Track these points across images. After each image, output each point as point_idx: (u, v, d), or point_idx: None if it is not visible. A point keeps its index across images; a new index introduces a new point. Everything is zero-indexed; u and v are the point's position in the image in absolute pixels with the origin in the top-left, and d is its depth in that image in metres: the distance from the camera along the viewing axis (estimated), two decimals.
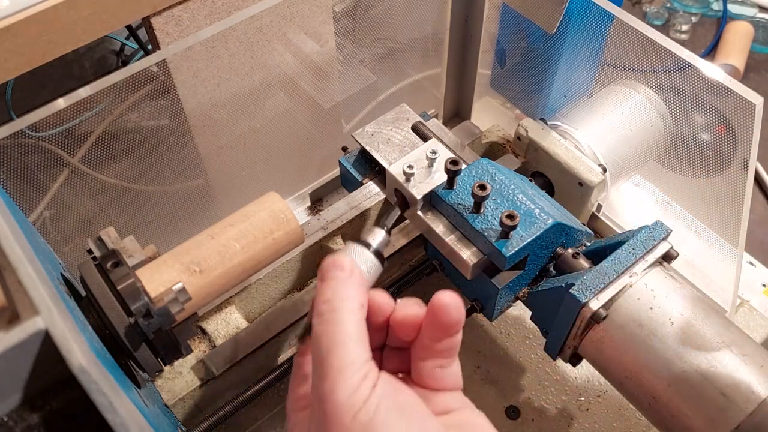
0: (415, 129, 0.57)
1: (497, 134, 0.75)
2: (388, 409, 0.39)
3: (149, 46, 0.83)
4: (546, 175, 0.68)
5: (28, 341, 0.30)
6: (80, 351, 0.29)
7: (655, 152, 0.68)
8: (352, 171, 0.56)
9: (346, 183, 0.59)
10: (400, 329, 0.43)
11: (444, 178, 0.50)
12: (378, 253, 0.43)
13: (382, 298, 0.43)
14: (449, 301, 0.41)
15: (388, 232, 0.44)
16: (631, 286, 0.48)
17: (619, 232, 0.70)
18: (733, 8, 1.52)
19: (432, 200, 0.51)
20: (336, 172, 0.79)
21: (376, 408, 0.39)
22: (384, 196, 0.61)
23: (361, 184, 0.56)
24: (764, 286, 0.73)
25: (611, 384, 0.50)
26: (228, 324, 0.66)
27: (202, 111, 0.71)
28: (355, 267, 0.42)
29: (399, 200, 0.52)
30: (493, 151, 0.76)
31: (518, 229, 0.48)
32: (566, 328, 0.50)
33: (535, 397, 0.65)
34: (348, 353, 0.40)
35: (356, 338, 0.40)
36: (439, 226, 0.51)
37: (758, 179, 1.15)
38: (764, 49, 1.39)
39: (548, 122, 0.69)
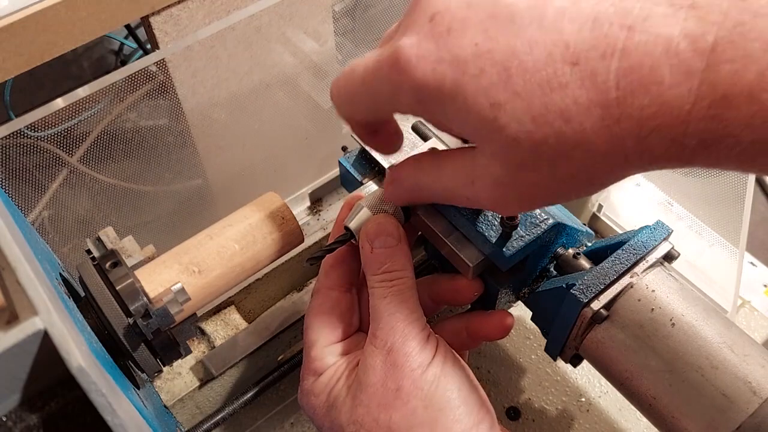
0: (415, 129, 0.57)
1: None
2: (453, 372, 0.43)
3: (148, 46, 0.83)
4: None
5: (27, 341, 0.30)
6: (79, 351, 0.29)
7: None
8: (352, 171, 0.56)
9: (346, 183, 0.58)
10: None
11: None
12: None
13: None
14: (511, 324, 0.51)
15: None
16: (632, 286, 0.48)
17: (620, 232, 0.69)
18: None
19: None
20: (335, 172, 0.79)
21: (443, 368, 0.43)
22: None
23: (361, 184, 0.55)
24: (765, 286, 0.72)
25: (612, 385, 0.50)
26: (227, 324, 0.66)
27: (201, 111, 0.71)
28: (402, 233, 0.47)
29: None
30: None
31: (519, 229, 0.48)
32: (567, 329, 0.50)
33: (535, 398, 0.64)
34: (413, 312, 0.44)
35: (417, 301, 0.45)
36: (439, 226, 0.51)
37: (759, 179, 1.15)
38: None
39: None
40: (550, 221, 0.49)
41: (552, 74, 0.30)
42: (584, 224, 0.54)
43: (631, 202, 0.77)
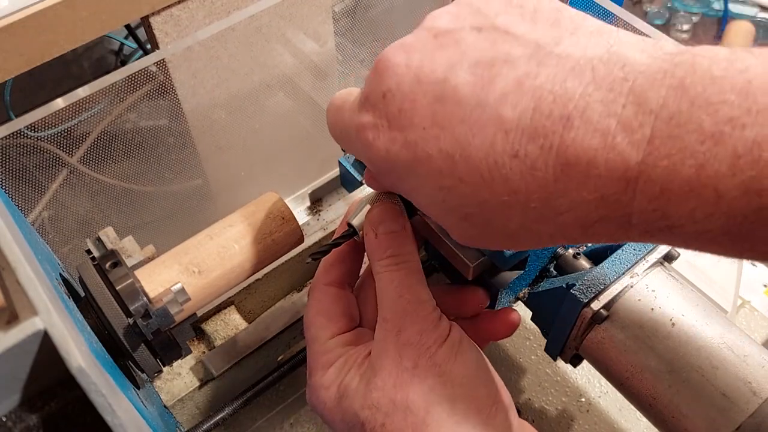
0: None
1: None
2: (470, 350, 0.43)
3: (148, 46, 0.83)
4: None
5: (27, 342, 0.30)
6: (79, 352, 0.29)
7: None
8: (352, 171, 0.56)
9: (346, 183, 0.58)
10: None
11: None
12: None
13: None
14: (517, 320, 0.51)
15: None
16: (632, 286, 0.48)
17: None
18: (734, 8, 1.53)
19: None
20: (336, 172, 0.79)
21: (459, 345, 0.43)
22: None
23: (361, 184, 0.55)
24: (765, 286, 0.73)
25: (612, 385, 0.50)
26: (227, 324, 0.66)
27: (201, 111, 0.71)
28: (406, 220, 0.47)
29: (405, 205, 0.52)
30: None
31: None
32: (567, 329, 0.50)
33: (535, 398, 0.64)
34: (422, 294, 0.44)
35: (425, 284, 0.45)
36: (438, 227, 0.51)
37: None
38: None
39: None
40: None
41: (493, 165, 0.30)
42: None
43: None
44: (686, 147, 0.26)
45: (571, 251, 0.52)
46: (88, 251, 0.46)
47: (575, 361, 0.53)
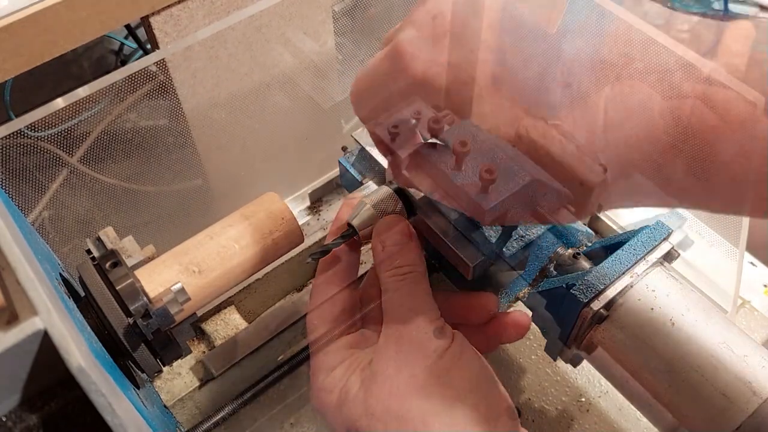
0: None
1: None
2: (471, 361, 0.44)
3: (148, 46, 0.83)
4: None
5: (27, 341, 0.30)
6: (79, 351, 0.29)
7: None
8: (352, 171, 0.56)
9: (346, 183, 0.59)
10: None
11: None
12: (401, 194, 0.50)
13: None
14: (528, 323, 0.52)
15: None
16: (631, 286, 0.48)
17: (620, 232, 0.69)
18: (734, 8, 1.53)
19: (416, 159, 0.50)
20: (336, 172, 0.79)
21: (460, 356, 0.43)
22: None
23: (361, 183, 0.55)
24: (765, 286, 0.72)
25: (612, 384, 0.50)
26: (227, 324, 0.66)
27: (201, 111, 0.71)
28: (412, 231, 0.48)
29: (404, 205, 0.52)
30: None
31: (497, 183, 0.47)
32: (567, 329, 0.50)
33: (535, 398, 0.64)
34: (424, 303, 0.45)
35: (428, 293, 0.46)
36: (439, 226, 0.51)
37: None
38: None
39: (549, 121, 0.69)
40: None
41: (544, 90, 0.32)
42: (584, 224, 0.54)
43: None
44: None
45: (571, 251, 0.52)
46: (88, 251, 0.46)
47: (575, 361, 0.53)
